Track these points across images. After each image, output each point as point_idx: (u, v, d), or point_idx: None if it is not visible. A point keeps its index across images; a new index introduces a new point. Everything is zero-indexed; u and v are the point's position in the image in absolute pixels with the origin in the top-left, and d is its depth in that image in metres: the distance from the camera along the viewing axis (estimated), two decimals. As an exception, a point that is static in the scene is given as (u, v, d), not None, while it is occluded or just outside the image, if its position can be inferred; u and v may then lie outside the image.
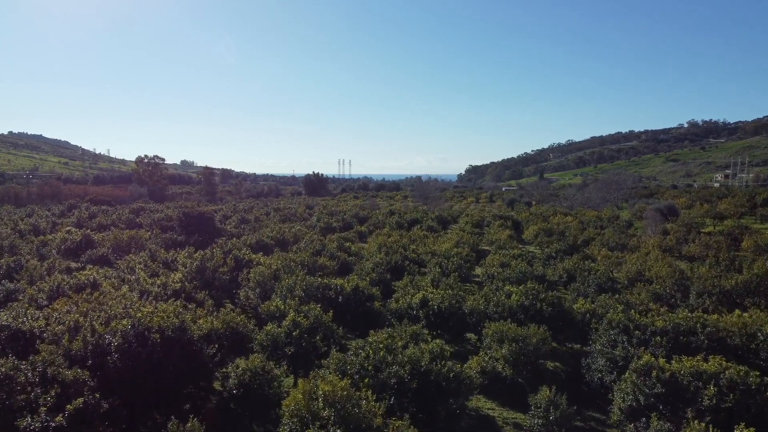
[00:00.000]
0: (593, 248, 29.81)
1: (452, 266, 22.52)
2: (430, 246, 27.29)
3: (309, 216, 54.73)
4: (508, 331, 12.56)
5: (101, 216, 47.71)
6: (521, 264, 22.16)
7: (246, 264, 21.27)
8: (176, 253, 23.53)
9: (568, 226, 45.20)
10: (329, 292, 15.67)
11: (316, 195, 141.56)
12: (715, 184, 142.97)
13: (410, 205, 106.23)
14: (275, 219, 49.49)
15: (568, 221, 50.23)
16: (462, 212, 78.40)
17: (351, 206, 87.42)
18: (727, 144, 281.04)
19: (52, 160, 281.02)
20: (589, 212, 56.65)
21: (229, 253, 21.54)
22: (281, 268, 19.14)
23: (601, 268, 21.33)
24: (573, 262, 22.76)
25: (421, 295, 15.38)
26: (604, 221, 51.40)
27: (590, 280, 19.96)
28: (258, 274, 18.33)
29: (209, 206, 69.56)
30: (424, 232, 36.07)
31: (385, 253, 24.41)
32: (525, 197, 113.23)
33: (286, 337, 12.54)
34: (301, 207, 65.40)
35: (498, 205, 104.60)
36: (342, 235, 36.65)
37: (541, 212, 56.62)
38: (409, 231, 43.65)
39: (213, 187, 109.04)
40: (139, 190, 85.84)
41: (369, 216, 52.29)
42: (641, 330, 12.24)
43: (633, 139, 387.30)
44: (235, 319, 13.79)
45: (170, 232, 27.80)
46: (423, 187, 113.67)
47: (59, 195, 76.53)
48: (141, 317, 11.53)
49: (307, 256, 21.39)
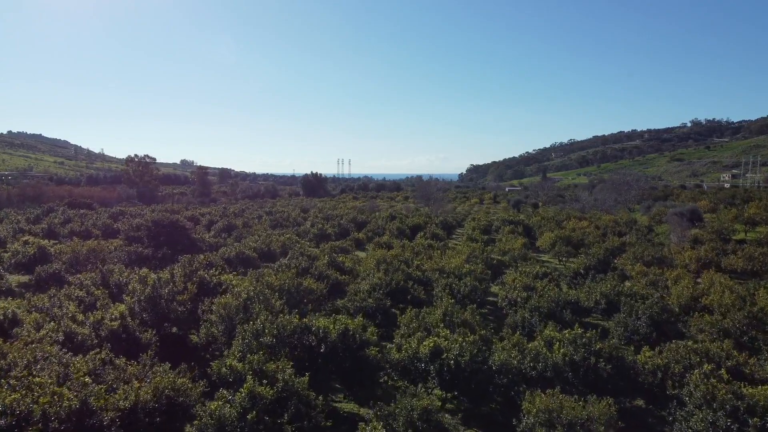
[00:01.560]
0: (624, 262, 25.90)
1: (465, 289, 18.60)
2: (436, 261, 23.36)
3: (303, 220, 50.80)
4: (564, 409, 8.63)
5: (76, 221, 43.80)
6: (550, 288, 18.25)
7: (213, 288, 17.37)
8: (132, 273, 19.65)
9: (585, 233, 41.30)
10: (309, 337, 11.75)
11: (314, 196, 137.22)
12: (725, 185, 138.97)
13: (411, 206, 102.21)
14: (265, 224, 45.56)
15: (584, 226, 46.33)
16: (467, 214, 74.46)
17: (349, 208, 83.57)
18: (733, 143, 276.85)
19: (48, 159, 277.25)
20: (605, 216, 52.71)
21: (194, 273, 17.62)
22: (255, 296, 15.23)
23: (652, 295, 17.39)
24: (610, 285, 18.82)
25: (432, 343, 11.45)
26: (621, 226, 47.49)
27: (639, 309, 16.03)
28: (222, 306, 14.42)
29: (199, 209, 65.75)
30: (429, 241, 32.16)
31: (384, 272, 20.50)
32: (530, 198, 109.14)
33: (238, 420, 8.61)
34: (296, 210, 61.48)
35: (503, 207, 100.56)
36: (337, 244, 32.78)
37: (552, 216, 52.66)
38: (412, 238, 39.80)
39: (207, 188, 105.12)
40: (127, 191, 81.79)
41: (368, 220, 48.37)
42: (758, 415, 8.30)
43: (636, 138, 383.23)
44: (174, 383, 9.90)
45: (135, 245, 23.93)
46: (424, 187, 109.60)
47: (42, 197, 72.64)
48: (11, 402, 7.61)
49: (289, 278, 17.48)
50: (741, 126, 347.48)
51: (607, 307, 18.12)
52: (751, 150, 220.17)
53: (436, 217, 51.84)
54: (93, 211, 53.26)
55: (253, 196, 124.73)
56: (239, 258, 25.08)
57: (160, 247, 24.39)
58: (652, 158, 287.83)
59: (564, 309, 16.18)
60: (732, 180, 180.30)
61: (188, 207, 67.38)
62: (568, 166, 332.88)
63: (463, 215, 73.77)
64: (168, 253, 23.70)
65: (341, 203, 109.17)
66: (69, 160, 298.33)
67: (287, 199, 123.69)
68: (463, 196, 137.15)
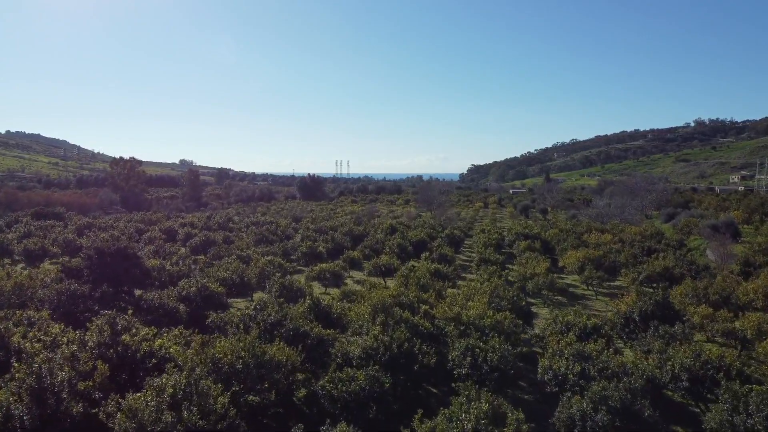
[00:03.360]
0: (683, 300, 20.83)
1: (493, 357, 13.53)
2: (450, 305, 18.28)
3: (294, 232, 45.68)
4: None
5: (35, 237, 38.64)
6: (609, 356, 13.24)
7: (141, 362, 12.33)
8: (47, 327, 14.60)
9: (612, 249, 36.25)
10: None
11: (311, 199, 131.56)
12: (739, 187, 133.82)
13: (413, 211, 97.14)
14: (250, 239, 40.43)
15: (607, 240, 41.29)
16: (472, 220, 69.24)
17: (347, 214, 78.49)
18: (739, 143, 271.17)
19: (42, 160, 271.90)
20: (628, 228, 47.61)
21: (116, 338, 12.54)
22: (188, 390, 10.14)
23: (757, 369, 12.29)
24: (690, 353, 13.73)
25: None
26: (649, 240, 42.52)
27: (750, 400, 10.95)
28: (130, 411, 9.35)
29: (182, 217, 60.69)
30: (436, 265, 27.09)
31: (382, 325, 15.44)
32: (538, 202, 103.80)
33: None
34: (287, 219, 56.25)
35: (509, 212, 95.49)
36: (328, 267, 27.75)
37: (570, 227, 47.58)
38: (415, 255, 34.78)
39: (198, 191, 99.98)
40: (110, 196, 76.46)
41: (366, 233, 43.29)
42: None
43: (639, 138, 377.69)
44: None
45: (69, 281, 18.87)
46: (426, 190, 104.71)
47: (16, 203, 67.60)
48: None
49: (247, 348, 12.40)
50: (745, 126, 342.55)
51: (689, 385, 13.05)
52: (758, 151, 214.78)
53: (441, 229, 46.72)
54: (60, 223, 48.16)
55: (246, 200, 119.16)
56: (201, 296, 20.02)
57: (102, 282, 19.36)
58: (657, 158, 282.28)
59: (642, 399, 11.15)
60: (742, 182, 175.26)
61: (171, 215, 62.29)
62: (571, 166, 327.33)
63: (469, 222, 68.79)
64: (109, 291, 18.66)
65: (339, 207, 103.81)
66: (65, 160, 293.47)
67: (282, 203, 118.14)
68: (467, 199, 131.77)
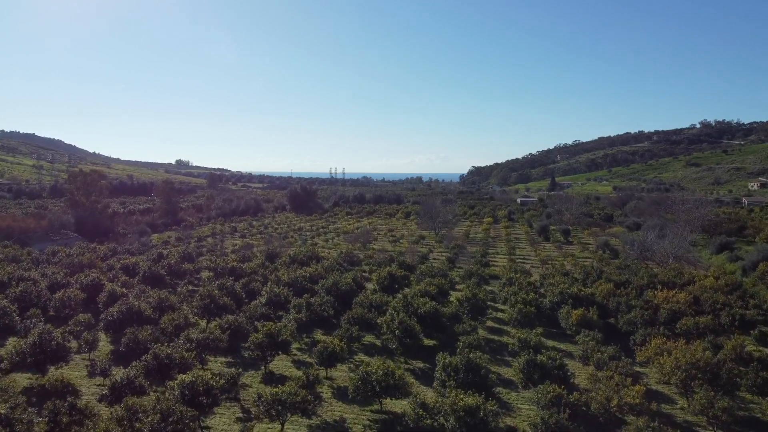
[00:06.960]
0: None
1: None
2: None
3: (262, 284, 34.23)
4: None
5: None
6: None
7: None
8: None
9: (707, 354, 25.55)
10: None
11: (303, 212, 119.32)
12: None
13: (415, 229, 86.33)
14: (193, 307, 29.13)
15: (681, 300, 30.53)
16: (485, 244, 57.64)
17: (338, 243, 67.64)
18: (751, 147, 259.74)
19: (27, 163, 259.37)
20: (697, 276, 36.70)
21: None
22: None
23: None
24: None
25: None
26: (726, 294, 32.00)
27: None
28: None
29: (125, 258, 49.71)
30: (465, 401, 16.18)
31: None
32: (553, 219, 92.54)
33: None
34: (261, 257, 44.72)
35: (525, 231, 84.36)
36: (289, 387, 16.81)
37: (628, 279, 36.45)
38: (424, 330, 24.01)
39: (173, 205, 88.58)
40: (61, 218, 64.94)
41: (355, 289, 32.29)
42: None
43: (644, 139, 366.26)
44: None
45: None
46: (428, 205, 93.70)
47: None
48: None
49: None
50: (753, 127, 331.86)
51: None
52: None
53: (460, 285, 35.73)
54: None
55: (230, 213, 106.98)
56: None
57: None
58: (666, 162, 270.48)
59: None
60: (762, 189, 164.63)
61: (118, 249, 51.03)
62: (575, 169, 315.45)
63: (481, 246, 57.99)
64: None
65: (331, 224, 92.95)
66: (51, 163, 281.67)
67: (269, 218, 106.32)
68: (472, 212, 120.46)
